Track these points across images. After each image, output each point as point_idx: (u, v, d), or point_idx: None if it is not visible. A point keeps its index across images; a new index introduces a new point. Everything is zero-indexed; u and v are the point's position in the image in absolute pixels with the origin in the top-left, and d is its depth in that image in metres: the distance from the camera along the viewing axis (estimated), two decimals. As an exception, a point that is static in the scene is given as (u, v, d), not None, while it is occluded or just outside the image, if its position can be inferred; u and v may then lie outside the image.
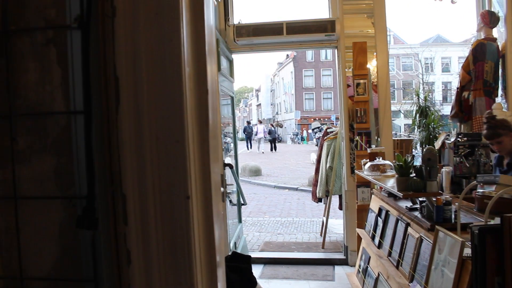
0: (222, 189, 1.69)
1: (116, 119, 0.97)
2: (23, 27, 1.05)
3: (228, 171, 5.21)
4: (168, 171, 1.09)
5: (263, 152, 29.70)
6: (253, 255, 6.15)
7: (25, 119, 1.06)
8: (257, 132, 32.33)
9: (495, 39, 5.56)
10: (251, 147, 32.27)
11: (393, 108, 6.17)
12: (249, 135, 32.90)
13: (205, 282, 1.22)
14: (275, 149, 32.03)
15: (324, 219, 7.11)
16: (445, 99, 40.28)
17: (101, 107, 0.96)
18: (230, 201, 5.60)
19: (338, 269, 5.89)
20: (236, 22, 6.23)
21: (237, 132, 10.21)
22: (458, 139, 4.81)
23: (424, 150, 3.42)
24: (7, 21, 1.06)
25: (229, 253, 3.05)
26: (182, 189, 1.09)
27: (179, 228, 1.11)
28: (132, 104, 0.96)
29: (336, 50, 6.28)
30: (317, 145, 25.98)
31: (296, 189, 13.61)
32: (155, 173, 1.08)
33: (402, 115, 31.51)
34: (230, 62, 6.18)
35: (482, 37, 5.61)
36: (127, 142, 0.99)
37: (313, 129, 35.39)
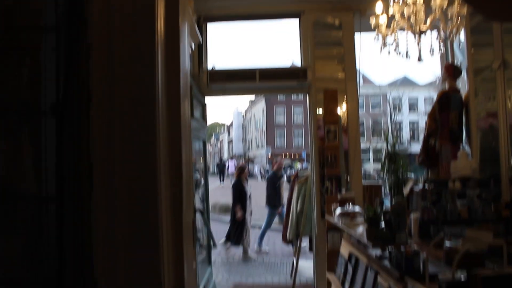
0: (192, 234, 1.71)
1: (89, 205, 0.96)
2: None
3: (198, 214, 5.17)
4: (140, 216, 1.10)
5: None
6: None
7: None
8: (228, 167, 33.72)
9: (458, 90, 5.79)
10: (223, 181, 32.86)
11: (362, 146, 6.26)
12: (221, 170, 34.58)
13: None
14: (246, 184, 33.37)
15: (295, 261, 7.06)
16: (412, 137, 41.38)
17: (74, 193, 0.96)
18: (200, 245, 5.53)
19: (309, 314, 5.85)
20: (210, 67, 6.28)
21: (209, 166, 10.23)
22: (425, 186, 4.94)
23: (394, 202, 3.48)
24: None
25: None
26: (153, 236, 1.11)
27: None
28: (105, 191, 0.96)
29: (307, 96, 6.39)
30: (288, 181, 26.13)
31: (267, 228, 13.53)
32: (128, 225, 1.09)
33: (371, 160, 32.17)
34: (203, 106, 6.20)
35: (447, 87, 5.83)
36: (101, 229, 0.98)
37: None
